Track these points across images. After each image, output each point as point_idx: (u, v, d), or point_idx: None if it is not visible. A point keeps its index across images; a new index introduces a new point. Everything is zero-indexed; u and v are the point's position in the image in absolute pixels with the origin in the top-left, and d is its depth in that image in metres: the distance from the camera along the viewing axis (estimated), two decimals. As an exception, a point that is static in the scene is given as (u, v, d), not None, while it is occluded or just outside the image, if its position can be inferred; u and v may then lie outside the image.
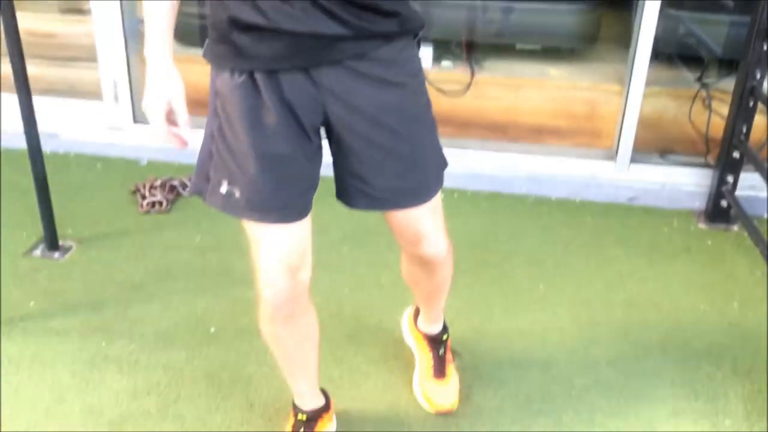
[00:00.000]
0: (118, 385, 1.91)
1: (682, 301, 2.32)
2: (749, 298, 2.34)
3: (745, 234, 2.67)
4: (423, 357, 1.92)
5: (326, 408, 1.73)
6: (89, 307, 2.20)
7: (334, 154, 1.41)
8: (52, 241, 2.46)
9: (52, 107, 3.08)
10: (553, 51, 3.21)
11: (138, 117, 3.11)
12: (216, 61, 1.32)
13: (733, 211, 2.73)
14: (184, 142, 1.33)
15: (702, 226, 2.75)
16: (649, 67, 2.73)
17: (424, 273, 1.66)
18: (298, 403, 1.70)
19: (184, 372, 1.97)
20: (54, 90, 3.22)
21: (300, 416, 1.68)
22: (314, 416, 1.69)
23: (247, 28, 1.24)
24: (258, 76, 1.27)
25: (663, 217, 2.80)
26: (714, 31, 3.10)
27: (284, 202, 1.36)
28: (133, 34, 3.03)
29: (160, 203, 2.73)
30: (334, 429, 1.77)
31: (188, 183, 2.85)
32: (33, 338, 2.07)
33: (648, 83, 2.76)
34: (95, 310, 2.19)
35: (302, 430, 1.67)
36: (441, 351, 1.90)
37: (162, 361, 2.00)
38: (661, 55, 2.97)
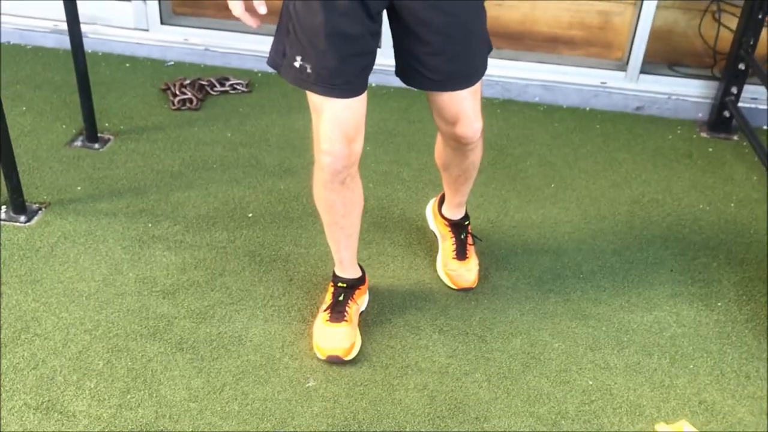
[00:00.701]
0: (167, 260, 2.09)
1: (682, 200, 2.50)
2: (745, 199, 2.52)
3: (745, 143, 2.82)
4: (446, 241, 2.10)
5: (362, 280, 1.92)
6: (133, 192, 2.36)
7: (394, 36, 1.57)
8: (91, 134, 2.60)
9: (80, 7, 3.14)
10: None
11: (164, 18, 3.19)
12: None
13: (734, 121, 2.88)
14: (257, 21, 1.45)
15: (704, 134, 2.91)
16: (664, -21, 2.82)
17: (456, 154, 1.82)
18: (338, 272, 1.88)
19: (227, 250, 2.14)
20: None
21: (340, 284, 1.86)
22: (353, 285, 1.87)
23: None
24: None
25: (668, 126, 2.95)
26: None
27: (347, 78, 1.52)
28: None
29: (191, 101, 2.86)
30: (367, 302, 1.97)
31: (216, 83, 2.97)
32: (83, 218, 2.24)
33: (661, -5, 2.86)
34: (138, 195, 2.35)
35: (342, 296, 1.85)
36: (463, 235, 2.08)
37: (206, 240, 2.18)
38: (674, -32, 3.05)
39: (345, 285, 1.87)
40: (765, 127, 2.96)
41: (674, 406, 1.75)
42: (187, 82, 2.93)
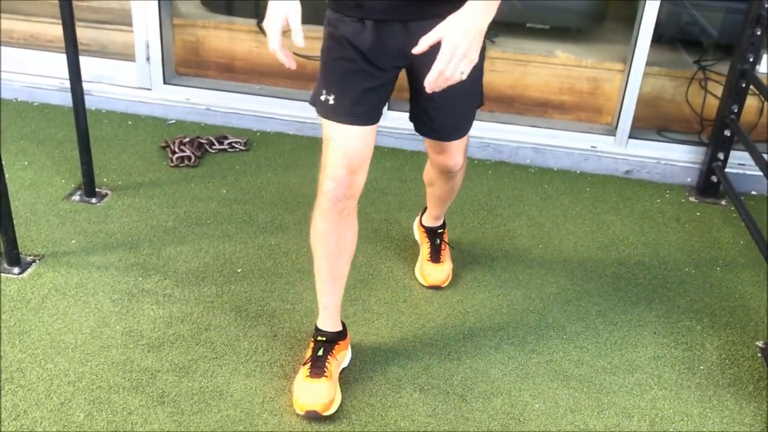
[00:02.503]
0: (154, 314, 2.12)
1: (669, 263, 2.52)
2: (731, 264, 2.54)
3: (732, 208, 2.86)
4: (423, 245, 2.37)
5: (343, 335, 1.94)
6: (126, 246, 2.41)
7: (412, 89, 1.81)
8: (89, 188, 2.66)
9: (85, 66, 3.25)
10: (561, 30, 3.39)
11: (167, 78, 3.30)
12: (337, 8, 1.67)
13: (722, 187, 2.92)
14: (293, 62, 1.61)
15: (692, 199, 2.95)
16: (650, 48, 2.90)
17: (441, 178, 2.10)
18: (320, 325, 1.91)
19: (214, 305, 2.17)
20: (86, 51, 3.41)
21: (320, 338, 1.89)
22: (333, 339, 1.89)
23: None
24: (366, 21, 1.64)
25: (656, 190, 3.00)
26: (712, 16, 3.27)
27: (365, 108, 1.70)
28: (166, -2, 3.22)
29: (189, 158, 2.93)
30: (349, 359, 1.98)
31: (215, 141, 3.05)
32: (76, 270, 2.28)
33: (649, 63, 2.94)
34: (131, 249, 2.39)
35: (321, 351, 1.87)
36: (437, 241, 2.34)
37: (194, 294, 2.21)
38: (662, 37, 3.15)
39: (324, 339, 1.89)
40: (753, 193, 3.00)
41: (653, 470, 1.75)
42: (187, 140, 3.00)
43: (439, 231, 2.35)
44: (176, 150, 2.95)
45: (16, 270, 2.25)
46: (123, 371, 1.91)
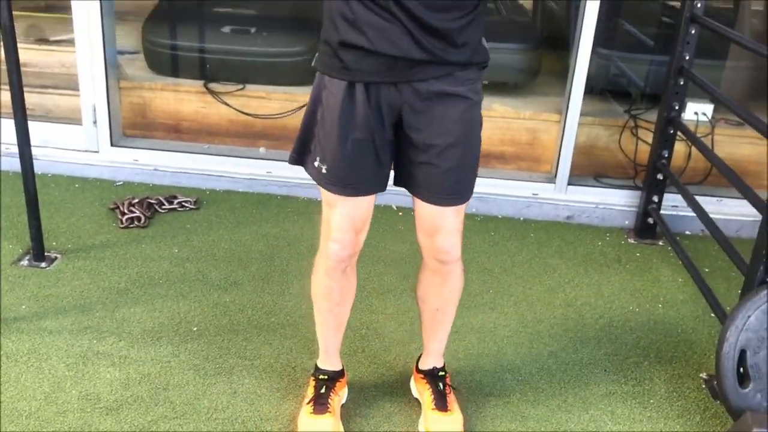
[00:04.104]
0: (111, 376, 2.10)
1: (613, 303, 2.63)
2: (672, 301, 2.66)
3: (669, 248, 3.00)
4: (423, 394, 2.01)
5: (343, 374, 2.01)
6: (78, 309, 2.38)
7: (400, 148, 1.71)
8: (38, 252, 2.63)
9: (31, 131, 3.23)
10: (498, 85, 3.55)
11: (114, 140, 3.30)
12: (325, 70, 1.64)
13: (658, 228, 3.07)
14: None
15: (631, 240, 3.08)
16: (584, 99, 3.07)
17: (435, 278, 1.87)
18: (321, 365, 1.99)
19: (171, 364, 2.16)
20: (30, 116, 3.39)
21: (322, 376, 1.96)
22: (335, 377, 1.97)
23: (353, 47, 1.57)
24: (356, 84, 1.61)
25: (597, 233, 3.12)
26: (639, 68, 3.49)
27: (360, 179, 1.69)
28: (113, 60, 3.24)
29: (139, 219, 2.92)
30: (346, 396, 2.04)
31: (164, 201, 3.06)
32: (27, 337, 2.24)
33: (582, 114, 3.10)
34: (84, 312, 2.37)
35: (324, 388, 1.93)
36: (440, 385, 1.99)
37: (150, 355, 2.19)
38: (593, 89, 3.34)
39: (326, 377, 1.96)
40: (687, 232, 3.16)
41: (612, 503, 1.80)
42: (136, 200, 3.00)
43: (441, 374, 2.02)
44: (126, 211, 2.95)
45: (-36, 338, 2.20)
46: (81, 436, 1.88)
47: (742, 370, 2.01)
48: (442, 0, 1.52)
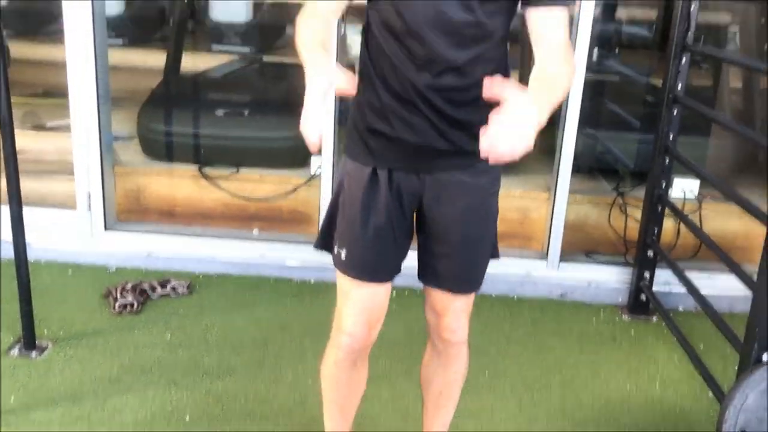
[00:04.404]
0: (101, 470, 2.05)
1: (610, 383, 2.61)
2: (668, 379, 2.64)
3: (663, 324, 3.00)
4: None
5: None
6: (69, 400, 2.34)
7: (419, 236, 1.74)
8: (29, 341, 2.60)
9: (25, 217, 3.26)
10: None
11: (108, 225, 3.32)
12: (351, 154, 1.69)
13: (651, 305, 3.07)
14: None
15: (625, 318, 3.08)
16: (572, 177, 3.12)
17: (440, 360, 1.90)
18: None
19: (163, 456, 2.12)
20: (25, 202, 3.42)
21: None
22: None
23: (379, 134, 1.63)
24: (380, 170, 1.65)
25: (591, 311, 3.12)
26: (625, 146, 3.56)
27: (379, 263, 1.70)
28: (108, 146, 3.29)
29: (132, 305, 2.91)
30: None
31: (157, 286, 3.05)
32: (16, 429, 2.19)
33: (571, 191, 3.15)
34: (75, 403, 2.33)
35: None
36: None
37: (142, 447, 2.15)
38: (581, 167, 3.39)
39: None
40: (680, 309, 3.16)
41: None
42: (129, 286, 3.00)
43: None
44: (118, 297, 2.94)
45: (-49, 433, 2.15)
46: None
47: (743, 452, 1.99)
48: (464, 95, 1.58)
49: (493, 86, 1.30)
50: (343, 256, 1.70)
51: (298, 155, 3.50)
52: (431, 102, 1.57)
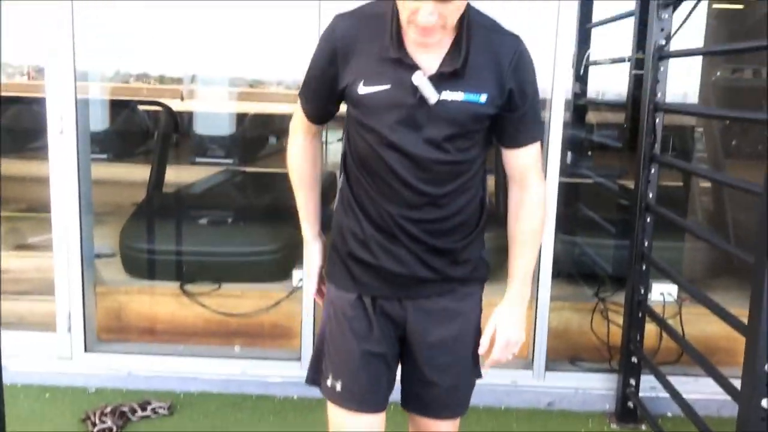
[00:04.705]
0: None
1: (603, 497, 2.55)
2: (661, 491, 2.59)
3: (652, 431, 2.96)
4: None
5: None
6: None
7: (403, 365, 1.74)
8: (2, 473, 2.52)
9: (3, 340, 3.21)
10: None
11: (89, 346, 3.28)
12: (333, 280, 1.70)
13: (639, 411, 3.04)
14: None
15: (614, 426, 3.05)
16: (552, 284, 3.15)
17: None
18: None
19: None
20: (3, 323, 3.38)
21: None
22: None
23: (361, 262, 1.64)
24: (364, 297, 1.65)
25: (579, 419, 3.09)
26: (603, 252, 3.62)
27: (376, 394, 1.67)
28: (90, 264, 3.29)
29: (110, 429, 2.84)
30: None
31: (137, 408, 2.99)
32: None
33: (553, 299, 3.17)
34: None
35: None
36: None
37: None
38: (561, 272, 3.43)
39: None
40: (668, 414, 3.13)
41: None
42: (108, 409, 2.93)
43: None
44: (97, 422, 2.86)
45: None
46: None
47: None
48: (444, 225, 1.62)
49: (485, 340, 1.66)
50: (338, 387, 1.67)
51: (279, 268, 3.52)
52: (411, 233, 1.60)
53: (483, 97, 1.53)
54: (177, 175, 4.68)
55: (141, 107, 5.14)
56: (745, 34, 4.08)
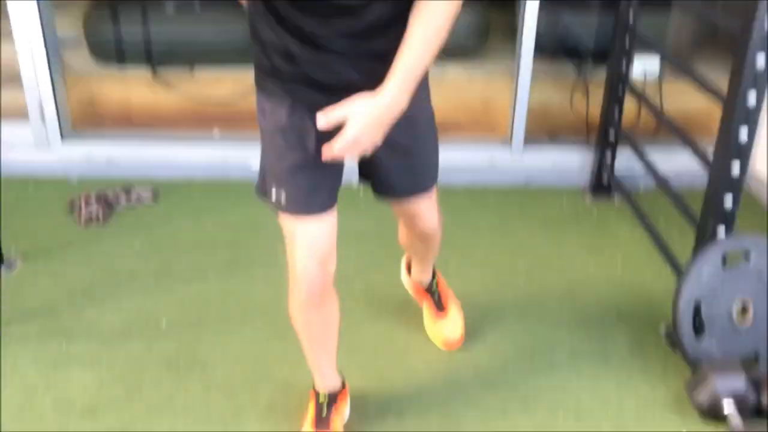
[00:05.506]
0: (84, 379, 2.10)
1: (575, 264, 2.69)
2: (630, 257, 2.74)
3: (625, 205, 3.07)
4: (424, 302, 2.30)
5: (343, 386, 1.96)
6: (44, 314, 2.37)
7: (360, 166, 1.72)
8: (-3, 258, 2.60)
9: (-23, 132, 3.18)
10: (449, 50, 3.54)
11: (65, 135, 3.25)
12: (265, 91, 1.58)
13: (613, 186, 3.14)
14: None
15: (588, 200, 3.15)
16: (534, 61, 3.09)
17: (418, 241, 2.04)
18: (318, 385, 1.91)
19: (143, 362, 2.17)
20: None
21: (321, 399, 1.90)
22: (334, 397, 1.91)
23: (288, 74, 1.51)
24: (297, 104, 1.55)
25: (555, 195, 3.18)
26: (587, 27, 3.51)
27: (320, 194, 1.64)
28: (55, 51, 3.16)
29: (97, 216, 2.90)
30: (348, 412, 1.98)
31: (121, 195, 3.03)
32: (-6, 345, 2.23)
33: (534, 76, 3.13)
34: (51, 316, 2.36)
35: (325, 410, 1.88)
36: (436, 296, 2.27)
37: (122, 354, 2.20)
38: (544, 49, 3.35)
39: (326, 399, 1.89)
40: (641, 189, 3.23)
41: (582, 460, 1.88)
42: (93, 197, 2.97)
43: (434, 285, 2.27)
44: (83, 209, 2.91)
45: (-71, 354, 2.18)
46: (59, 442, 1.89)
47: (698, 322, 2.09)
48: (369, 32, 1.48)
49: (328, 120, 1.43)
50: (282, 199, 1.62)
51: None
52: (335, 42, 1.47)
53: None
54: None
55: None
56: None
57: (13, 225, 2.85)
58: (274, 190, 1.63)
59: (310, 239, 1.66)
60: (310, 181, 1.62)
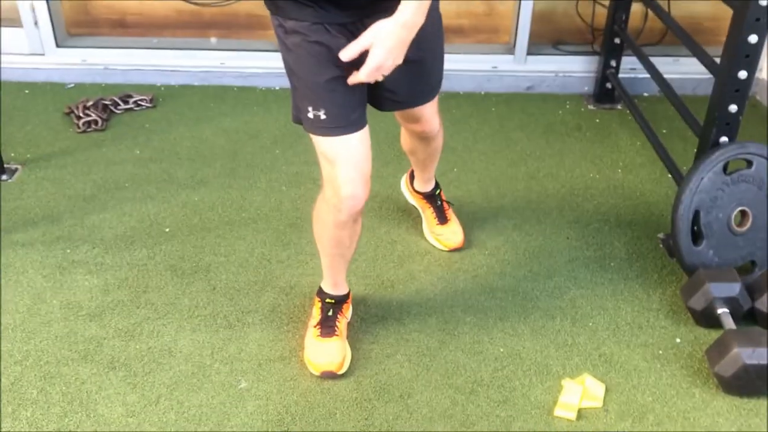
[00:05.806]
0: (89, 283, 2.14)
1: (575, 171, 2.69)
2: (630, 165, 2.73)
3: (628, 111, 3.05)
4: (426, 211, 2.35)
5: (348, 296, 2.00)
6: (47, 220, 2.38)
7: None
8: (-3, 165, 2.59)
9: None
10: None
11: (59, 40, 3.18)
12: (285, 12, 1.55)
13: (616, 92, 3.10)
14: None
15: (591, 107, 3.12)
16: (539, -36, 3.00)
17: (420, 144, 2.08)
18: (328, 290, 1.96)
19: (148, 267, 2.20)
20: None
21: (329, 300, 1.95)
22: (341, 300, 1.96)
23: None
24: (326, 25, 1.54)
25: (558, 102, 3.15)
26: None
27: (357, 113, 1.64)
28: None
29: (96, 122, 2.87)
30: (351, 314, 2.04)
31: (119, 101, 2.99)
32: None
33: (538, -20, 3.04)
34: (53, 222, 2.37)
35: (331, 311, 1.93)
36: (438, 202, 2.32)
37: (126, 259, 2.23)
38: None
39: (334, 301, 1.95)
40: (645, 94, 3.20)
41: (577, 362, 1.93)
42: (90, 103, 2.94)
43: (437, 192, 2.32)
44: (81, 115, 2.89)
45: (-64, 258, 2.20)
46: (68, 343, 1.94)
47: (696, 229, 2.11)
48: None
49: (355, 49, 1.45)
50: (322, 116, 1.61)
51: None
52: None
53: None
54: None
55: None
56: None
57: (11, 131, 2.84)
58: (311, 110, 1.61)
59: (353, 157, 1.66)
60: (346, 96, 1.61)
